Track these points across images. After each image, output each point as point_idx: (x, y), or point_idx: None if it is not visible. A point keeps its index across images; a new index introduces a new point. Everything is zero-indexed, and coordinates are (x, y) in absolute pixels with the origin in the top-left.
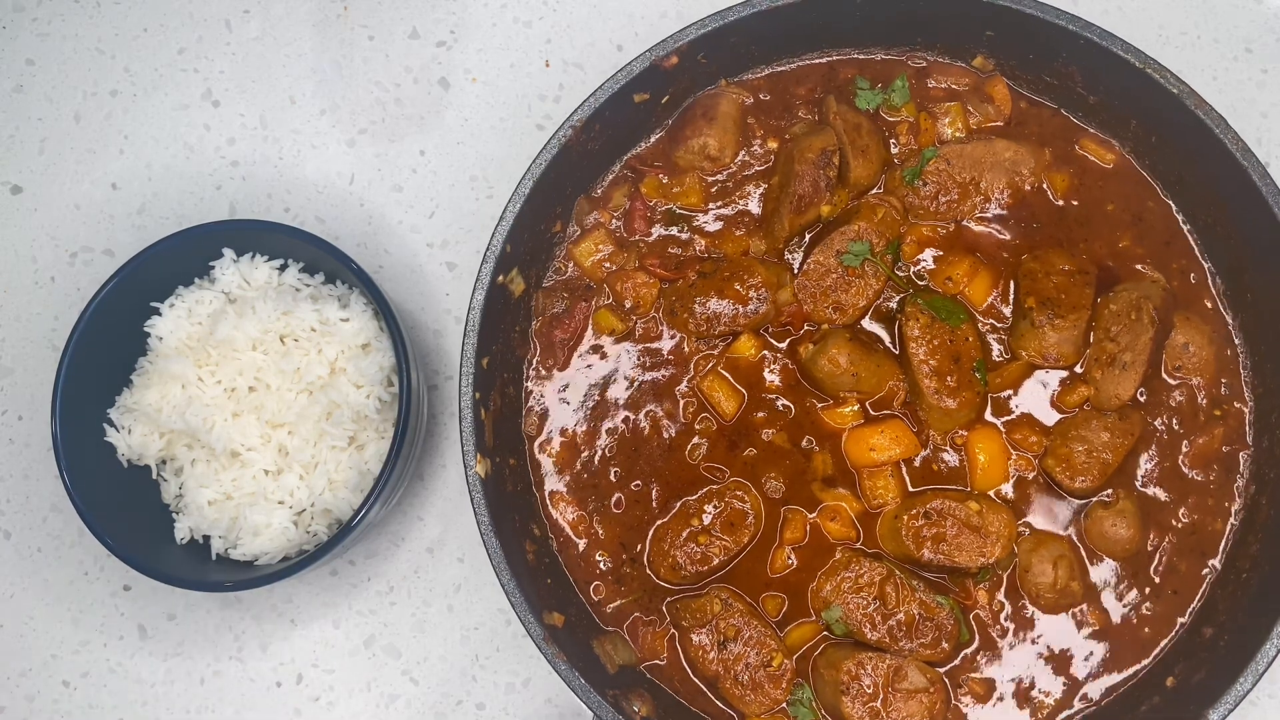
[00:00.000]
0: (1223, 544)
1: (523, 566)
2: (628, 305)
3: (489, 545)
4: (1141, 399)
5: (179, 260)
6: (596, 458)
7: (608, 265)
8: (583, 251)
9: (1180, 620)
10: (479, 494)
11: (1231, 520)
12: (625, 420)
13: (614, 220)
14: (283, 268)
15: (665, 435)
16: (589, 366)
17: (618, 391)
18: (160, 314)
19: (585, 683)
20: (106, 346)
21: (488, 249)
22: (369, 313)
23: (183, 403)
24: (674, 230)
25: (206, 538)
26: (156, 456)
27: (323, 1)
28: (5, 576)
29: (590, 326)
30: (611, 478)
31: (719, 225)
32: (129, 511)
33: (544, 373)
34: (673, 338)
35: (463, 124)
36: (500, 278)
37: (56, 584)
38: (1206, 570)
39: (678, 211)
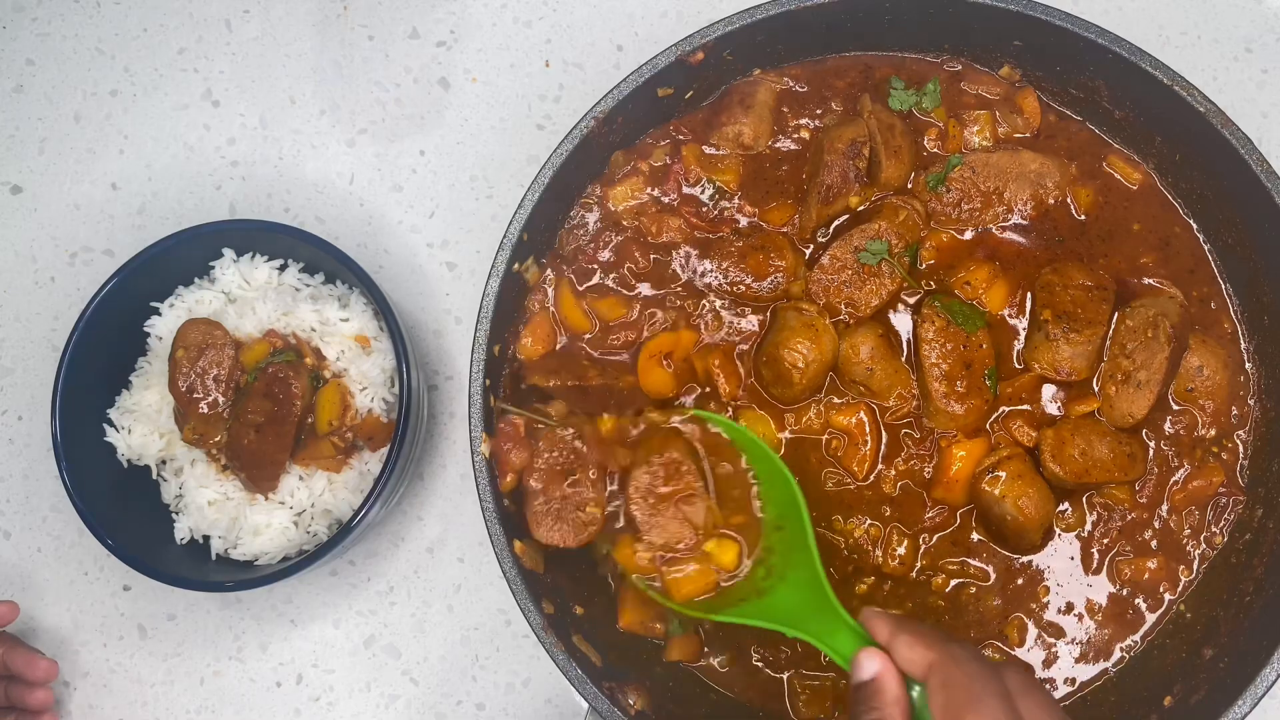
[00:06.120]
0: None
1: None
2: (656, 243)
3: (492, 531)
4: (1149, 440)
5: (179, 260)
6: None
7: (638, 209)
8: (618, 194)
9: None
10: (484, 477)
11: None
12: None
13: (651, 169)
14: (283, 268)
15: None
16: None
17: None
18: (160, 314)
19: (582, 674)
20: (106, 346)
21: (504, 236)
22: (369, 313)
23: None
24: (707, 200)
25: (206, 538)
26: (156, 456)
27: (323, 1)
28: (5, 576)
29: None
30: None
31: (756, 206)
32: (129, 511)
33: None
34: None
35: (463, 124)
36: (516, 265)
37: (56, 584)
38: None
39: (714, 185)
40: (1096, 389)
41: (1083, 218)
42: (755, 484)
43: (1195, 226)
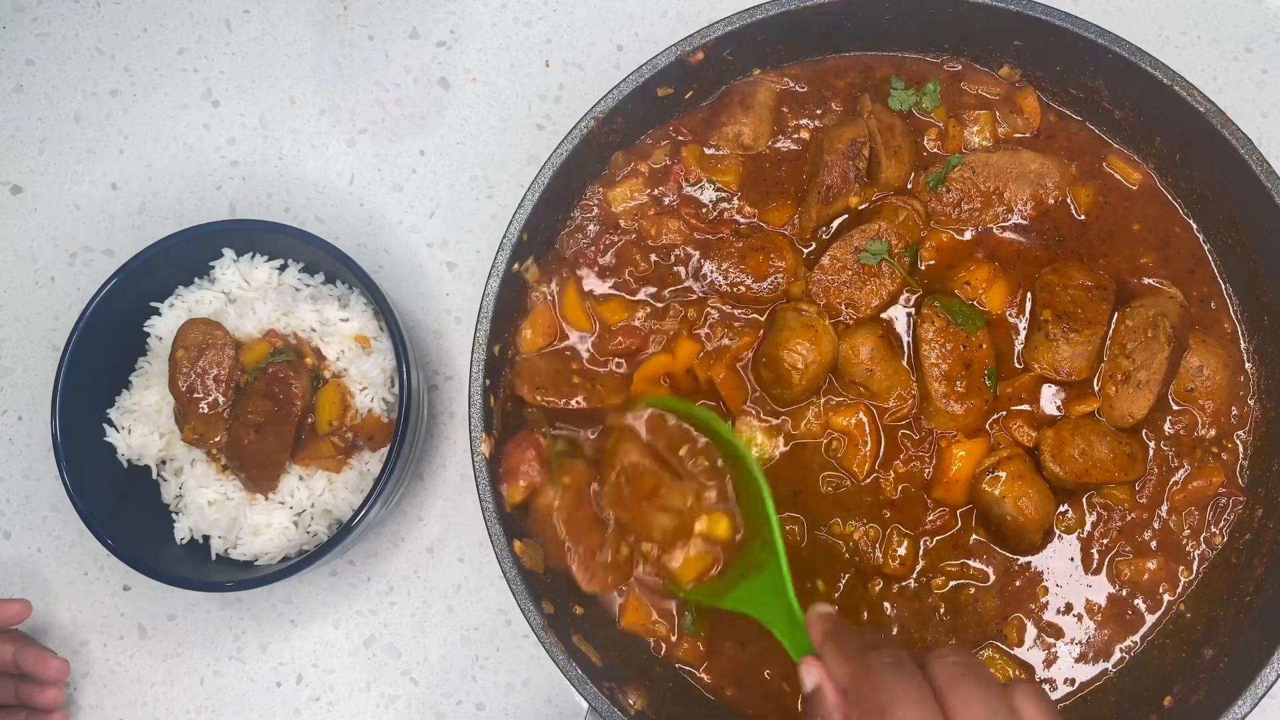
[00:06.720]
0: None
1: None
2: (656, 245)
3: (492, 531)
4: (1149, 440)
5: (179, 260)
6: None
7: (638, 210)
8: (617, 196)
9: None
10: (484, 477)
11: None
12: None
13: (651, 170)
14: (283, 268)
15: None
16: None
17: None
18: (160, 314)
19: (582, 674)
20: (106, 346)
21: (504, 236)
22: (369, 313)
23: None
24: (706, 200)
25: (206, 538)
26: (156, 456)
27: (323, 1)
28: (5, 576)
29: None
30: None
31: (756, 207)
32: (129, 511)
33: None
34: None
35: (463, 124)
36: (516, 265)
37: (56, 584)
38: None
39: (713, 188)
40: (1096, 389)
41: (1083, 218)
42: (720, 459)
43: (1195, 226)
